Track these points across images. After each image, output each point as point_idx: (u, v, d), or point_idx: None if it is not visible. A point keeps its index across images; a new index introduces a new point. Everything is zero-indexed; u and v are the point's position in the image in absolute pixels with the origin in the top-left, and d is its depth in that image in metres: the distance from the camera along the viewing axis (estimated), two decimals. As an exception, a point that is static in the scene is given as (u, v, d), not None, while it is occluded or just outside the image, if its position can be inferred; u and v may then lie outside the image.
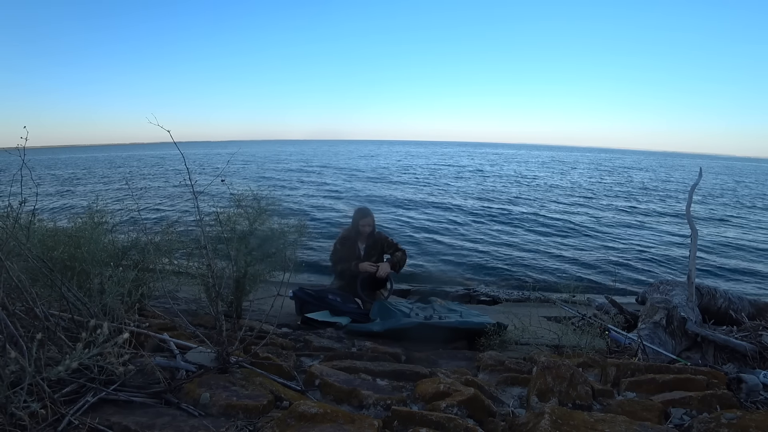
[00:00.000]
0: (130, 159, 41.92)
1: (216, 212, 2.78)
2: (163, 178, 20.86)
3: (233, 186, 3.27)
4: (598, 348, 2.56)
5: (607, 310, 3.62)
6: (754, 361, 2.52)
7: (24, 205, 1.55)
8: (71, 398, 1.11)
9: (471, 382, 1.56)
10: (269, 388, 1.34)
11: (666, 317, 2.92)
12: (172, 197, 13.35)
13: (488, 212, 11.75)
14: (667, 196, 16.92)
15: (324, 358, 2.00)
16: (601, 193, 17.01)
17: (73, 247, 1.89)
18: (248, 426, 1.13)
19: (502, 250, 7.85)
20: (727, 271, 7.18)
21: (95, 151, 76.37)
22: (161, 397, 1.22)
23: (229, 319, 2.50)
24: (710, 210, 13.78)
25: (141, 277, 2.11)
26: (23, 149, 1.43)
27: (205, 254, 1.75)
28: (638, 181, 23.87)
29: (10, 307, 1.13)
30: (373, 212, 3.73)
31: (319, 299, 3.26)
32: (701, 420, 1.23)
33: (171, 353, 1.48)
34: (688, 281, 3.41)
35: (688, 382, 1.58)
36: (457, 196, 14.80)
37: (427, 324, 2.93)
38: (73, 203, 12.92)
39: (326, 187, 16.52)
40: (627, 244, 8.69)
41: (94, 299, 1.37)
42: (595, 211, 12.51)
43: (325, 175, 21.07)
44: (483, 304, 4.64)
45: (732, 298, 3.56)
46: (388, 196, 14.31)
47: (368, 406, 1.36)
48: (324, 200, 13.57)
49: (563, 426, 1.17)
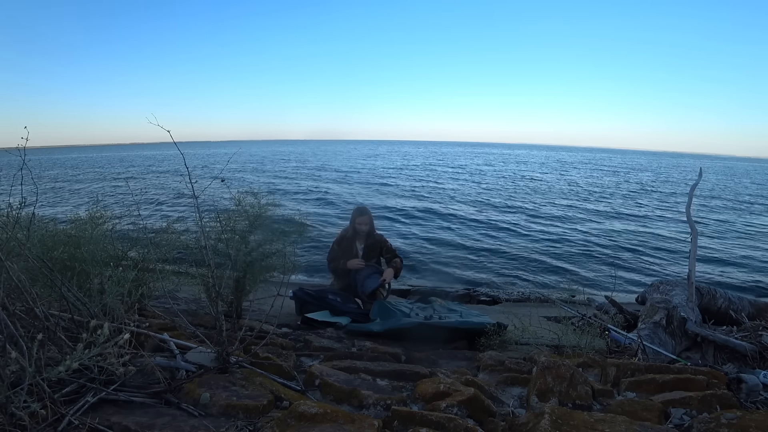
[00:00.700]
0: (131, 159, 41.93)
1: (216, 212, 2.78)
2: (163, 178, 20.86)
3: (233, 186, 3.28)
4: (598, 348, 2.55)
5: (607, 310, 3.62)
6: (754, 361, 2.52)
7: (24, 205, 1.55)
8: (71, 398, 1.11)
9: (471, 382, 1.56)
10: (269, 388, 1.34)
11: (666, 317, 2.92)
12: (172, 197, 13.35)
13: (487, 212, 11.75)
14: (667, 196, 16.92)
15: (324, 358, 2.00)
16: (600, 193, 17.01)
17: (73, 247, 1.89)
18: (248, 426, 1.13)
19: (501, 251, 7.85)
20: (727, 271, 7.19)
21: (95, 151, 76.39)
22: (161, 397, 1.22)
23: (229, 319, 2.50)
24: (711, 209, 13.80)
25: (141, 277, 2.11)
26: (23, 149, 1.43)
27: (205, 254, 1.75)
28: (637, 181, 23.88)
29: (10, 307, 1.13)
30: (372, 213, 3.74)
31: (319, 299, 3.26)
32: (701, 420, 1.23)
33: (171, 353, 1.48)
34: (688, 281, 3.41)
35: (688, 382, 1.58)
36: (457, 196, 14.80)
37: (427, 324, 2.93)
38: (73, 203, 12.92)
39: (323, 188, 16.51)
40: (627, 244, 8.68)
41: (94, 299, 1.37)
42: (596, 212, 12.51)
43: (320, 178, 21.04)
44: (483, 304, 4.64)
45: (732, 298, 3.56)
46: (387, 196, 14.31)
47: (368, 406, 1.36)
48: (321, 201, 13.57)
49: (563, 426, 1.17)
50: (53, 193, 15.65)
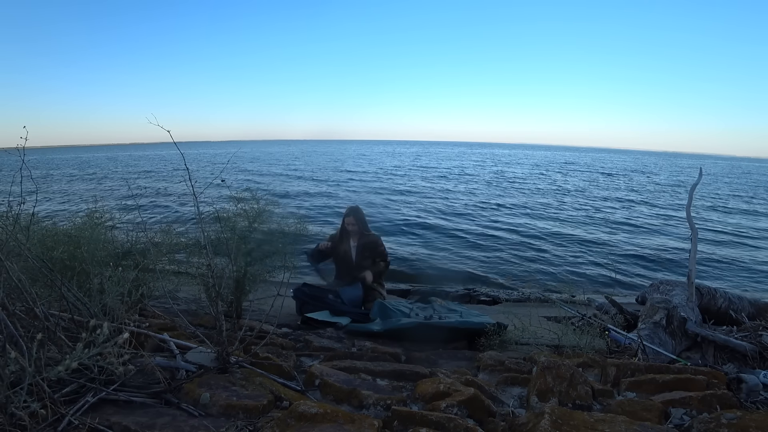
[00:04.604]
0: (130, 159, 41.92)
1: (216, 212, 2.78)
2: (163, 178, 20.86)
3: (232, 186, 3.28)
4: (598, 348, 2.55)
5: (607, 310, 3.62)
6: (754, 361, 2.52)
7: (23, 205, 1.55)
8: (71, 398, 1.11)
9: (471, 382, 1.56)
10: (269, 388, 1.34)
11: (666, 317, 2.91)
12: (172, 197, 13.35)
13: (487, 213, 11.75)
14: (666, 196, 16.93)
15: (324, 358, 2.00)
16: (600, 194, 17.01)
17: (73, 247, 1.89)
18: (248, 426, 1.13)
19: (501, 250, 7.85)
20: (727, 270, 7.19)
21: (95, 151, 76.36)
22: (161, 397, 1.22)
23: (229, 319, 2.50)
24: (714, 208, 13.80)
25: (141, 277, 2.11)
26: (23, 149, 1.43)
27: (205, 254, 1.75)
28: (637, 181, 23.88)
29: (10, 307, 1.13)
30: (374, 213, 3.74)
31: (318, 299, 3.26)
32: (701, 420, 1.22)
33: (171, 353, 1.48)
34: (688, 281, 3.41)
35: (688, 382, 1.58)
36: (458, 197, 14.81)
37: (427, 324, 2.93)
38: (72, 203, 12.92)
39: (322, 189, 16.51)
40: (626, 244, 8.68)
41: (94, 299, 1.37)
42: (595, 212, 12.51)
43: (318, 178, 21.03)
44: (483, 304, 4.64)
45: (732, 298, 3.56)
46: (385, 195, 14.31)
47: (368, 406, 1.36)
48: (319, 202, 13.57)
49: (563, 426, 1.16)
50: (53, 193, 15.65)
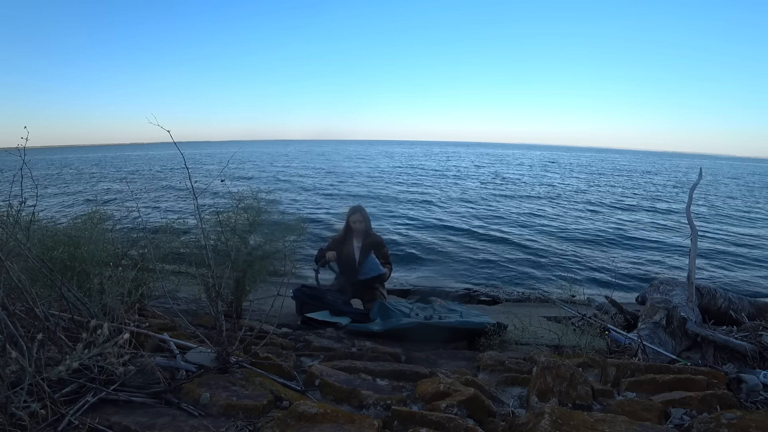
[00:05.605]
0: (131, 159, 41.89)
1: (216, 212, 2.78)
2: (162, 177, 20.85)
3: (232, 187, 3.28)
4: (598, 348, 2.55)
5: (606, 310, 3.62)
6: (754, 361, 2.52)
7: (24, 204, 1.55)
8: (71, 398, 1.11)
9: (471, 382, 1.56)
10: (269, 388, 1.34)
11: (666, 317, 2.91)
12: (172, 197, 13.34)
13: (486, 213, 11.75)
14: (666, 196, 16.92)
15: (324, 358, 2.00)
16: (600, 193, 17.01)
17: (73, 247, 1.89)
18: (248, 426, 1.13)
19: (500, 251, 7.84)
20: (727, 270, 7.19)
21: (95, 151, 76.34)
22: (161, 397, 1.22)
23: (229, 319, 2.50)
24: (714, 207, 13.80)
25: (141, 277, 2.11)
26: (23, 149, 1.43)
27: (205, 254, 1.75)
28: (637, 181, 23.88)
29: (10, 307, 1.13)
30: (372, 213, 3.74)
31: (318, 299, 3.26)
32: (701, 420, 1.22)
33: (171, 353, 1.48)
34: (688, 281, 3.41)
35: (688, 382, 1.58)
36: (459, 195, 14.80)
37: (427, 324, 2.93)
38: (72, 204, 12.91)
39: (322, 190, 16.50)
40: (626, 244, 8.68)
41: (94, 299, 1.37)
42: (595, 211, 12.51)
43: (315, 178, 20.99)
44: (483, 304, 4.64)
45: (732, 298, 3.56)
46: (383, 195, 14.31)
47: (368, 406, 1.36)
48: (319, 201, 13.56)
49: (563, 426, 1.16)
50: (53, 194, 15.64)
